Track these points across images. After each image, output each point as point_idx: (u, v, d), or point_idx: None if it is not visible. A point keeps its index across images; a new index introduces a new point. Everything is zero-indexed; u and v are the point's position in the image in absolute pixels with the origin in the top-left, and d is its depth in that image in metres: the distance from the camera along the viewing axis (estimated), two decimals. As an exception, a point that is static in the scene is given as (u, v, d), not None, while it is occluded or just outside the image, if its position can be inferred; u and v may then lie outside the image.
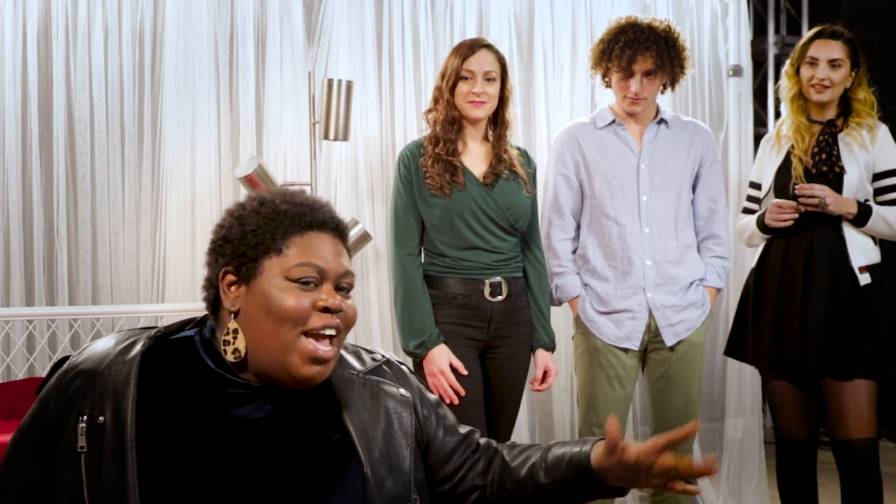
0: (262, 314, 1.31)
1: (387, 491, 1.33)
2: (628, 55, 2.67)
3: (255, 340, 1.32)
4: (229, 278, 1.35)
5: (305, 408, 1.35)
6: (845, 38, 2.81)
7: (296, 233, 1.34)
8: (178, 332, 1.41)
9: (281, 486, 1.27)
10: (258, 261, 1.33)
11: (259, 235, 1.33)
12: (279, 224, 1.34)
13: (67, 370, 1.33)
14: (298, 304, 1.31)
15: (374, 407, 1.40)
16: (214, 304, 1.38)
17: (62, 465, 1.27)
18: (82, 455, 1.26)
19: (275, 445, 1.30)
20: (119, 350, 1.33)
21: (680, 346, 2.76)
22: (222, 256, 1.35)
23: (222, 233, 1.37)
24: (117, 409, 1.27)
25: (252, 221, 1.34)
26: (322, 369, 1.32)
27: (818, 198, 2.73)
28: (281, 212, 1.35)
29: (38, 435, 1.31)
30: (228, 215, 1.38)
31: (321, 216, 1.37)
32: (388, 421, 1.40)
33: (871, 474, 2.75)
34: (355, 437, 1.34)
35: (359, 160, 3.67)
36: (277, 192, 1.40)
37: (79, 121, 3.45)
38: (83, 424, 1.27)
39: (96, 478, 1.24)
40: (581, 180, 2.82)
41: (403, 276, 2.63)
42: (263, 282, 1.32)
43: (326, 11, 3.63)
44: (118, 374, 1.30)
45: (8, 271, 3.37)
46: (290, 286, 1.31)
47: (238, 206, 1.39)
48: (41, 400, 1.34)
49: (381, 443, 1.37)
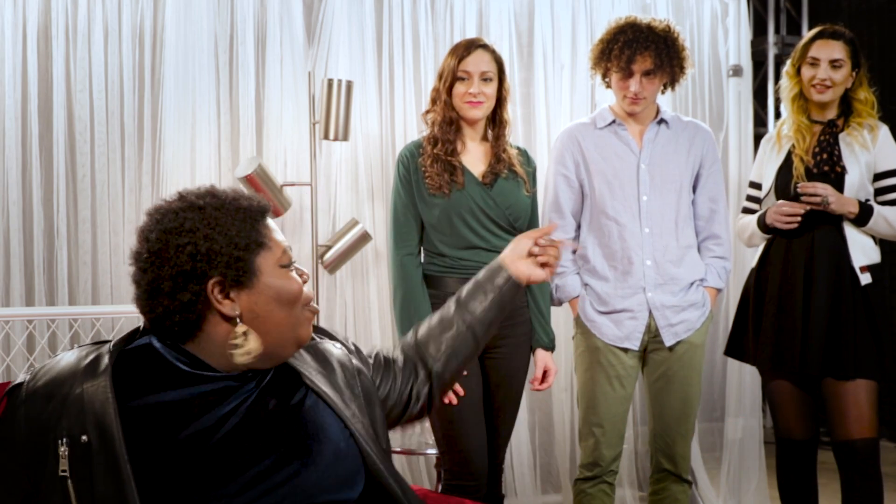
0: (274, 305, 1.37)
1: (364, 431, 1.46)
2: (627, 55, 2.67)
3: (270, 331, 1.38)
4: (218, 289, 1.33)
5: (271, 384, 1.43)
6: (846, 39, 2.81)
7: (263, 222, 1.39)
8: (131, 341, 1.39)
9: (277, 450, 1.34)
10: (250, 260, 1.35)
11: (243, 236, 1.35)
12: (253, 219, 1.37)
13: (28, 397, 1.29)
14: (299, 284, 1.41)
15: (323, 363, 1.52)
16: (196, 324, 1.34)
17: (48, 492, 1.25)
18: (67, 479, 1.23)
19: (259, 420, 1.36)
20: (84, 367, 1.31)
21: (679, 347, 2.76)
22: (202, 275, 1.31)
23: (185, 252, 1.31)
24: (101, 426, 1.25)
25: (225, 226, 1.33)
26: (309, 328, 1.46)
27: (821, 196, 2.73)
28: (242, 208, 1.37)
29: (9, 466, 1.28)
30: (174, 238, 1.31)
31: (255, 202, 1.41)
32: (341, 372, 1.53)
33: (872, 474, 2.76)
34: (322, 393, 1.44)
35: (359, 160, 3.67)
36: (203, 194, 1.37)
37: (79, 121, 3.45)
38: (64, 447, 1.24)
39: (89, 499, 1.22)
40: (581, 180, 2.82)
41: (402, 277, 2.63)
42: (264, 278, 1.36)
43: (326, 11, 3.63)
44: (93, 391, 1.28)
45: (8, 271, 3.36)
46: (285, 271, 1.39)
47: (177, 224, 1.32)
48: (2, 433, 1.29)
49: (344, 391, 1.49)
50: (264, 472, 1.30)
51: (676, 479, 2.82)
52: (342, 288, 3.65)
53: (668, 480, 2.83)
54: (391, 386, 1.63)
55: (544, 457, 3.94)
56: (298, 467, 1.33)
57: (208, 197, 1.36)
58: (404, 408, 1.64)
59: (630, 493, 3.88)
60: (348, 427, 1.42)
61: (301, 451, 1.35)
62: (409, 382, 1.65)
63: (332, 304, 3.65)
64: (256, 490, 1.29)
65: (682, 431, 2.80)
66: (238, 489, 1.28)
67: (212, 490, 1.26)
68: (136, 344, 1.38)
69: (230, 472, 1.28)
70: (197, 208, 1.34)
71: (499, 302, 1.69)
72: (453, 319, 1.69)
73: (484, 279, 1.71)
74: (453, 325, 1.68)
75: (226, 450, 1.30)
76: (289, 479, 1.31)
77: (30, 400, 1.29)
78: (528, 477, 3.82)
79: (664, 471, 2.83)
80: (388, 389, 1.62)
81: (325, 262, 3.44)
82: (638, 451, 4.00)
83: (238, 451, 1.31)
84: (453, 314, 1.69)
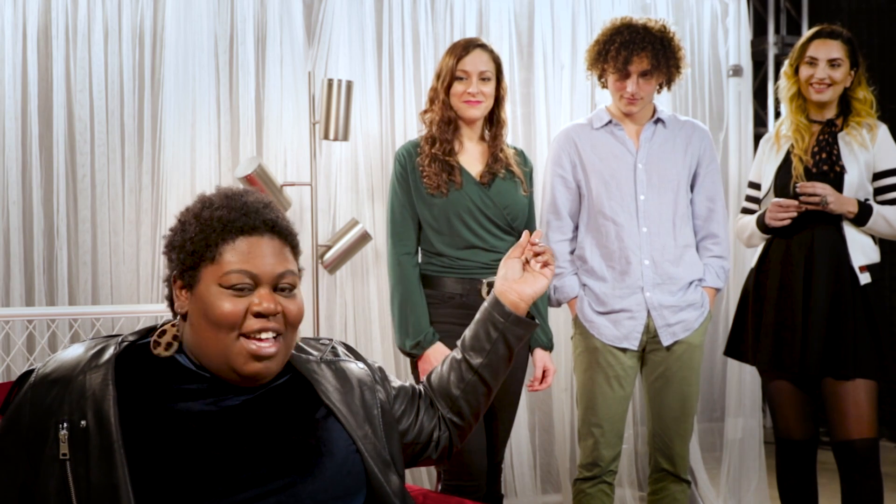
0: (203, 320, 1.36)
1: (375, 452, 1.43)
2: (624, 56, 2.67)
3: (200, 344, 1.37)
4: (179, 283, 1.40)
5: (280, 391, 1.42)
6: (844, 38, 2.81)
7: (228, 240, 1.37)
8: (144, 337, 1.44)
9: (274, 460, 1.33)
10: (197, 268, 1.37)
11: (196, 243, 1.37)
12: (212, 231, 1.37)
13: (37, 382, 1.34)
14: (233, 309, 1.35)
15: (343, 381, 1.50)
16: (172, 306, 1.44)
17: (46, 475, 1.28)
18: (66, 462, 1.27)
19: (259, 425, 1.36)
20: (91, 356, 1.36)
21: (677, 347, 2.76)
22: (171, 262, 1.41)
23: (170, 238, 1.42)
24: (99, 411, 1.29)
25: (191, 228, 1.38)
26: (267, 365, 1.37)
27: (820, 196, 2.73)
28: (215, 218, 1.38)
29: (11, 451, 1.32)
30: (177, 220, 1.43)
31: (253, 220, 1.39)
32: (359, 391, 1.51)
33: (872, 474, 2.75)
34: (335, 409, 1.43)
35: (359, 160, 3.67)
36: (221, 194, 1.43)
37: (79, 121, 3.45)
38: (64, 431, 1.28)
39: (85, 482, 1.26)
40: (578, 181, 2.82)
41: (400, 276, 2.63)
42: (202, 288, 1.36)
43: (326, 11, 3.63)
44: (94, 378, 1.32)
45: (8, 271, 3.36)
46: (224, 293, 1.35)
47: (184, 210, 1.43)
48: (10, 416, 1.34)
49: (359, 411, 1.47)
50: (258, 477, 1.30)
51: (675, 479, 2.82)
52: (342, 288, 3.65)
53: (666, 480, 2.83)
54: (412, 420, 1.60)
55: (544, 457, 3.94)
56: (296, 479, 1.33)
57: (211, 201, 1.42)
58: (423, 448, 1.62)
59: (629, 492, 3.88)
60: (356, 445, 1.42)
61: (301, 464, 1.35)
62: (432, 427, 1.62)
63: (332, 304, 3.65)
64: (248, 493, 1.29)
65: (681, 431, 2.80)
66: (227, 490, 1.28)
67: (200, 487, 1.27)
68: (146, 340, 1.43)
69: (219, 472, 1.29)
70: (201, 206, 1.41)
71: (503, 340, 1.61)
72: (460, 367, 1.63)
73: (482, 318, 1.63)
74: (462, 374, 1.62)
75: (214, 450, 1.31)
76: (283, 488, 1.31)
77: (37, 385, 1.34)
78: (528, 477, 3.82)
79: (663, 471, 2.83)
80: (409, 423, 1.59)
81: (325, 262, 3.44)
82: (637, 450, 4.00)
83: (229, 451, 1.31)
84: (459, 361, 1.63)
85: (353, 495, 1.39)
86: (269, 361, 1.37)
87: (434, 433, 1.62)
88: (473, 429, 1.68)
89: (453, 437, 1.64)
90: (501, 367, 1.62)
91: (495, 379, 1.63)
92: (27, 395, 1.33)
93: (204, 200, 1.42)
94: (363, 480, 1.40)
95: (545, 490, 3.91)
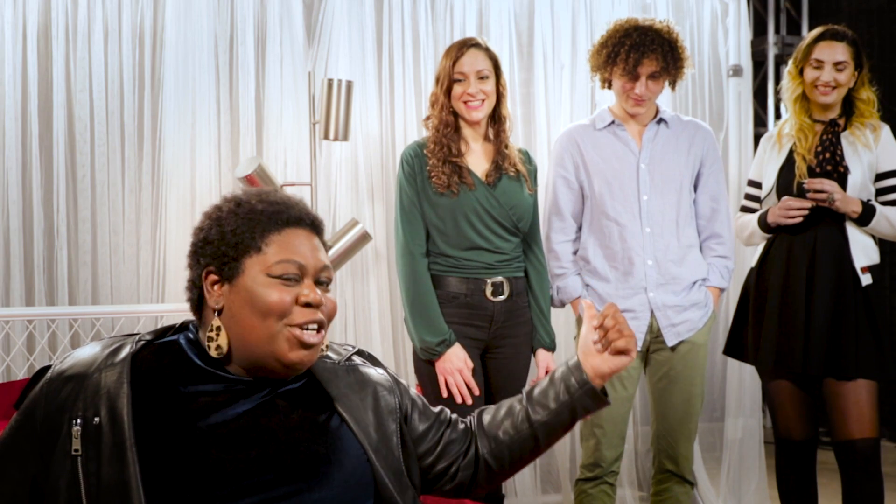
0: (247, 309, 1.36)
1: (387, 463, 1.42)
2: (634, 58, 2.66)
3: (242, 334, 1.37)
4: (212, 278, 1.40)
5: (294, 395, 1.42)
6: (849, 40, 2.80)
7: (273, 230, 1.39)
8: (161, 337, 1.45)
9: (282, 466, 1.33)
10: (239, 260, 1.38)
11: (238, 235, 1.38)
12: (257, 223, 1.39)
13: (53, 378, 1.35)
14: (282, 298, 1.37)
15: (361, 388, 1.49)
16: (198, 305, 1.44)
17: (58, 470, 1.29)
18: (78, 458, 1.28)
19: (270, 430, 1.35)
20: (107, 353, 1.37)
21: (682, 347, 2.76)
22: (203, 258, 1.41)
23: (202, 235, 1.42)
24: (112, 409, 1.30)
25: (230, 222, 1.40)
26: (309, 353, 1.39)
27: (827, 192, 2.72)
28: (258, 211, 1.40)
29: (24, 445, 1.33)
30: (206, 217, 1.44)
31: (297, 213, 1.42)
32: (375, 399, 1.49)
33: (873, 474, 2.76)
34: (348, 416, 1.42)
35: (359, 160, 3.66)
36: (252, 193, 1.45)
37: (79, 121, 3.44)
38: (77, 427, 1.29)
39: (95, 479, 1.26)
40: (581, 182, 2.82)
41: (415, 274, 2.61)
42: (246, 279, 1.37)
43: (326, 11, 3.63)
44: (109, 375, 1.33)
45: (8, 271, 3.36)
46: (272, 282, 1.37)
47: (214, 208, 1.44)
48: (25, 410, 1.35)
49: (373, 420, 1.46)
50: (264, 483, 1.30)
51: (679, 480, 2.82)
52: (342, 288, 3.65)
53: (670, 481, 2.82)
54: (433, 444, 1.57)
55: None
56: (302, 486, 1.32)
57: (247, 197, 1.44)
58: (437, 477, 1.58)
59: (630, 493, 3.88)
60: (367, 454, 1.41)
61: (309, 472, 1.34)
62: (454, 458, 1.58)
63: (332, 304, 3.65)
64: (252, 499, 1.29)
65: (685, 432, 2.80)
66: (232, 493, 1.28)
67: (207, 490, 1.27)
68: (164, 340, 1.44)
69: (226, 475, 1.29)
70: (235, 203, 1.42)
71: (569, 406, 1.54)
72: (517, 417, 1.57)
73: (559, 377, 1.57)
74: (516, 424, 1.57)
75: (224, 452, 1.31)
76: (289, 495, 1.31)
77: (53, 380, 1.35)
78: (528, 477, 3.82)
79: (667, 472, 2.82)
80: (429, 446, 1.56)
81: (326, 262, 3.44)
82: (638, 451, 4.00)
83: (237, 455, 1.31)
84: (519, 410, 1.58)
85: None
86: (312, 351, 1.39)
87: (454, 465, 1.57)
88: (504, 480, 1.63)
89: (480, 477, 1.59)
90: (558, 431, 1.57)
91: (548, 441, 1.58)
92: (43, 389, 1.34)
93: (234, 199, 1.44)
94: (372, 491, 1.39)
95: (545, 490, 3.91)
